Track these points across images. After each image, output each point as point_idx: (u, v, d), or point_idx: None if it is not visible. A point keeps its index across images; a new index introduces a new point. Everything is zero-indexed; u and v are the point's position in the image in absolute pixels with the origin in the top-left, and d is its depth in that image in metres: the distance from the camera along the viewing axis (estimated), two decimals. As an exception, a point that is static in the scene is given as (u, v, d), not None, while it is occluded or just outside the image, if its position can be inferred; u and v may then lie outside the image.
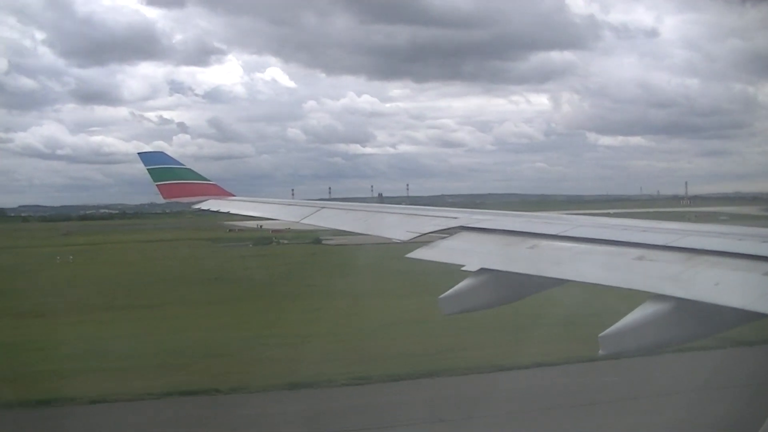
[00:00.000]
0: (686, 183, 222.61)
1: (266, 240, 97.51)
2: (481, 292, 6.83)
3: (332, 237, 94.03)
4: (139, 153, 17.04)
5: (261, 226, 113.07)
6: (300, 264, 68.48)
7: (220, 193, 15.59)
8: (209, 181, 15.98)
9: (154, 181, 16.00)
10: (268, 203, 14.17)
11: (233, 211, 14.54)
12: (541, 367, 27.05)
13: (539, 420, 22.05)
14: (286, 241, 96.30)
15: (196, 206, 15.70)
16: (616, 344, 5.36)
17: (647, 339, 5.37)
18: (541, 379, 26.09)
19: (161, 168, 16.12)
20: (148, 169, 16.11)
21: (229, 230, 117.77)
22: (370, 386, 25.68)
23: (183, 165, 16.44)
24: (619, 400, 23.45)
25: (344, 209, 11.56)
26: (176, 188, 15.97)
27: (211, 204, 15.09)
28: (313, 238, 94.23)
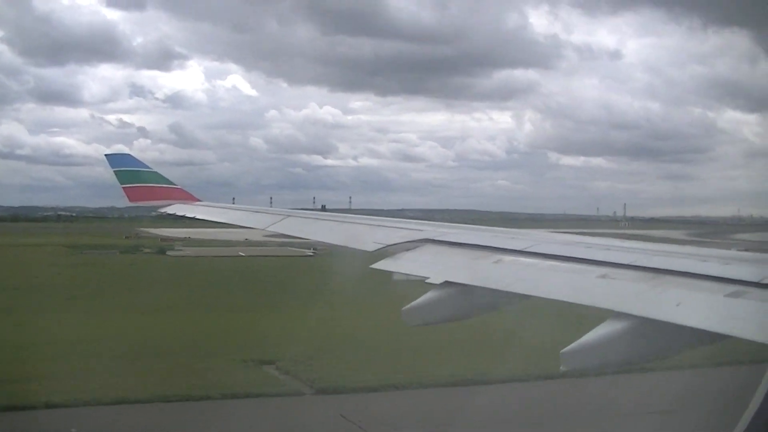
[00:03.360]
0: (624, 205, 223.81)
1: (134, 248, 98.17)
2: (445, 306, 6.77)
3: (184, 248, 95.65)
4: (106, 154, 16.75)
5: (137, 235, 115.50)
6: (104, 275, 66.63)
7: (187, 197, 15.40)
8: (176, 185, 15.77)
9: (121, 183, 15.75)
10: (234, 210, 14.00)
11: (198, 216, 14.37)
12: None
13: None
14: (149, 250, 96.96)
15: (162, 210, 15.48)
16: (577, 361, 5.32)
17: (608, 356, 5.34)
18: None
19: (128, 171, 15.88)
20: (114, 171, 15.86)
21: (126, 237, 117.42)
22: None
23: (150, 168, 16.22)
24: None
25: (310, 218, 11.48)
26: (142, 191, 15.75)
27: (177, 208, 14.89)
28: (158, 248, 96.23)
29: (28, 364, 29.82)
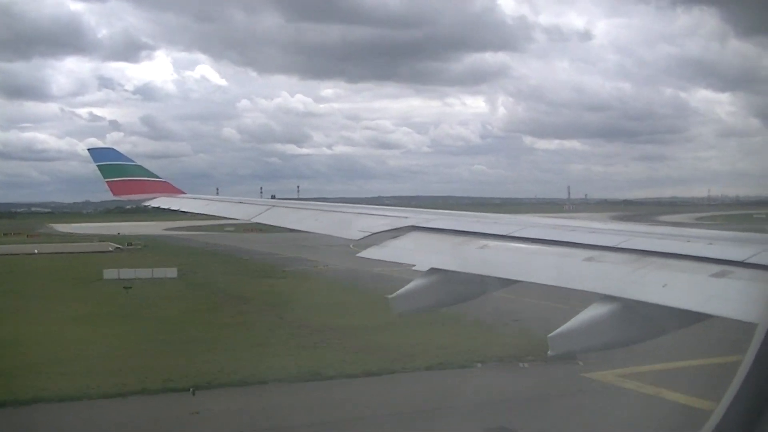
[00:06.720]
0: (568, 187, 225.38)
1: None
2: (432, 292, 6.75)
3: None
4: (89, 149, 16.62)
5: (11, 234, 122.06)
6: None
7: (171, 190, 15.28)
8: (160, 178, 15.65)
9: (104, 177, 15.61)
10: (219, 201, 13.92)
11: (183, 208, 14.27)
12: None
13: None
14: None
15: (146, 203, 15.39)
16: (565, 345, 5.30)
17: (595, 340, 5.33)
18: None
19: (112, 165, 15.74)
20: (98, 166, 15.71)
21: (27, 235, 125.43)
22: None
23: (134, 162, 16.09)
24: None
25: (294, 208, 11.40)
26: (126, 185, 15.61)
27: (161, 201, 14.78)
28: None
29: None
